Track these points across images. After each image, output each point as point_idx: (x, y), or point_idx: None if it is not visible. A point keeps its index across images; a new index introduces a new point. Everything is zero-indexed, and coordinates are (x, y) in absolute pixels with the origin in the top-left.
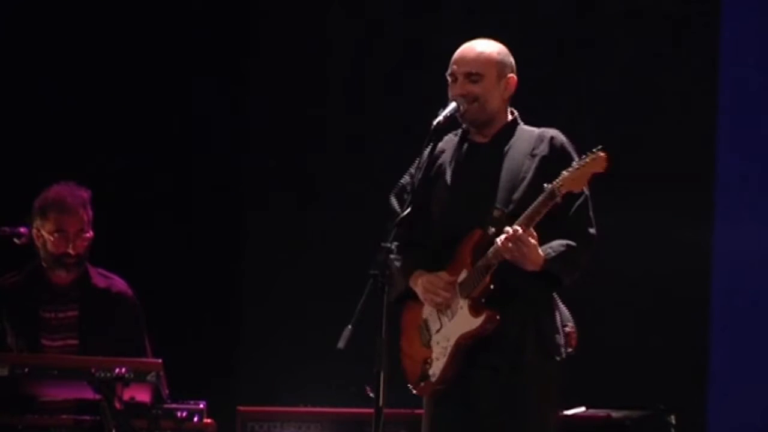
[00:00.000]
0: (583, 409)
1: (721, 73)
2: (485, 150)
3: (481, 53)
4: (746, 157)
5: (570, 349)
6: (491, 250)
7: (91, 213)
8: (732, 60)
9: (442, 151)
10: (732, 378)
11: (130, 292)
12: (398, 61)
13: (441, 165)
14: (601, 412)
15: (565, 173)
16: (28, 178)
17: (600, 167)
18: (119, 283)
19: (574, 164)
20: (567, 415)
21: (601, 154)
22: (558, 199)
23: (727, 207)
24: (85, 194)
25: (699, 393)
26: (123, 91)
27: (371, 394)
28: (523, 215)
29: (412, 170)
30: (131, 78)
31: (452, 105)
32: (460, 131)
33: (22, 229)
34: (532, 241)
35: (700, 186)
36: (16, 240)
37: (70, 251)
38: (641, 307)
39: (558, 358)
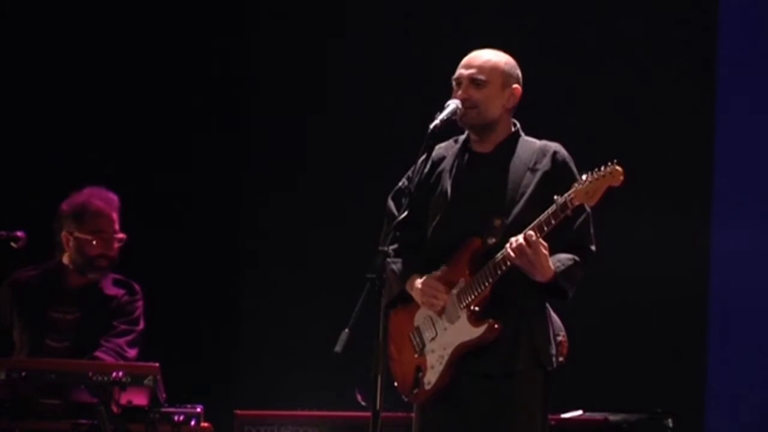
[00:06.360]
0: (580, 412)
1: (720, 73)
2: (487, 160)
3: (488, 60)
4: (745, 158)
5: (561, 359)
6: (499, 255)
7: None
8: (731, 59)
9: (442, 158)
10: (729, 381)
11: (134, 300)
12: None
13: (441, 172)
14: (598, 416)
15: (577, 186)
16: (23, 183)
17: (616, 181)
18: (126, 293)
19: (589, 177)
20: (564, 419)
21: (618, 168)
22: (569, 212)
23: (724, 209)
24: (114, 197)
25: (696, 396)
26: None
27: (362, 401)
28: (534, 224)
29: (409, 174)
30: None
31: (449, 108)
32: (461, 139)
33: (19, 233)
34: (544, 250)
35: (698, 187)
36: (12, 244)
37: (107, 252)
38: (638, 310)
39: (549, 369)
